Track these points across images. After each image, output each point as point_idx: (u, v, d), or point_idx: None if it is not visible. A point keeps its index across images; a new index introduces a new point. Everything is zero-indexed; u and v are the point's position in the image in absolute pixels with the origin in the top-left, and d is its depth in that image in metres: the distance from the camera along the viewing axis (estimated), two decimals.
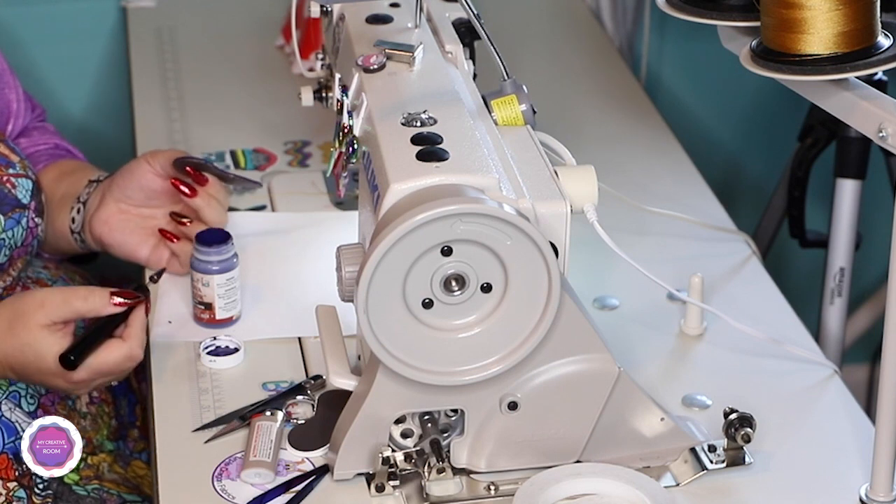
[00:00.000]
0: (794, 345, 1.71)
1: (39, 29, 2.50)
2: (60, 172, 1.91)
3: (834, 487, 1.53)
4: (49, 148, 1.98)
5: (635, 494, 1.46)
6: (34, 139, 1.98)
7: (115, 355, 1.62)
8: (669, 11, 1.54)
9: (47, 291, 1.65)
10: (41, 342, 1.61)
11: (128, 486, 1.76)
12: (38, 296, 1.63)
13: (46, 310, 1.61)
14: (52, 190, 1.89)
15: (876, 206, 2.50)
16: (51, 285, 1.83)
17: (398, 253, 1.39)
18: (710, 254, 1.89)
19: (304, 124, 2.14)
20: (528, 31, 2.47)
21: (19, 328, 1.61)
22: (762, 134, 2.75)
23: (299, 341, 1.72)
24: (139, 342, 1.64)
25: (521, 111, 1.60)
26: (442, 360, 1.44)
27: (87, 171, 1.92)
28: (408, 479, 1.49)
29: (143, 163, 1.81)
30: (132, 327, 1.64)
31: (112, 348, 1.62)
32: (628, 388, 1.50)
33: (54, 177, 1.91)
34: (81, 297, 1.62)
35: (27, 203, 1.77)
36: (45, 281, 1.84)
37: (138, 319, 1.64)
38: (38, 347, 1.61)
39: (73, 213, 1.86)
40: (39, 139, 1.99)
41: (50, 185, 1.89)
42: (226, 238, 1.72)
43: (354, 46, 1.68)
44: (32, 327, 1.61)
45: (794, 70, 1.40)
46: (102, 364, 1.62)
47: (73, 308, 1.62)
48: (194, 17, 2.48)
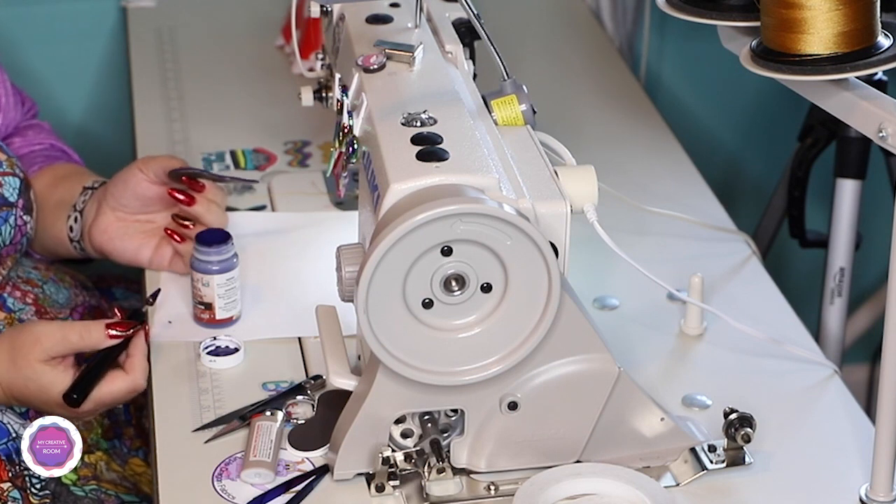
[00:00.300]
0: (794, 345, 1.71)
1: (39, 29, 2.50)
2: (55, 177, 1.91)
3: (834, 487, 1.53)
4: (44, 148, 1.97)
5: (635, 494, 1.46)
6: (29, 139, 1.97)
7: (119, 387, 1.63)
8: (669, 11, 1.54)
9: (42, 327, 1.64)
10: (42, 377, 1.62)
11: (126, 485, 1.76)
12: (35, 331, 1.63)
13: (43, 346, 1.61)
14: (47, 195, 1.88)
15: (876, 206, 2.50)
16: (41, 286, 1.82)
17: (398, 253, 1.39)
18: (710, 254, 1.89)
19: (304, 124, 2.14)
20: (528, 31, 2.47)
21: (21, 362, 1.62)
22: (762, 134, 2.75)
23: (299, 341, 1.72)
24: (142, 373, 1.64)
25: (521, 111, 1.60)
26: (442, 360, 1.44)
27: (81, 176, 1.91)
28: (408, 479, 1.49)
29: (136, 171, 1.81)
30: (134, 357, 1.64)
31: (116, 380, 1.63)
32: (628, 388, 1.50)
33: (49, 181, 1.90)
34: (77, 333, 1.62)
35: (14, 201, 1.77)
36: (36, 281, 1.83)
37: (139, 349, 1.65)
38: (40, 382, 1.62)
39: (71, 222, 1.85)
40: (35, 139, 1.98)
41: (45, 189, 1.89)
42: (226, 238, 1.72)
43: (354, 46, 1.68)
44: (32, 362, 1.62)
45: (794, 70, 1.40)
46: (106, 396, 1.63)
47: (70, 344, 1.62)
48: (194, 17, 2.48)
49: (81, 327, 1.63)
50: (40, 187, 1.89)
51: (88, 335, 1.62)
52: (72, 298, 1.85)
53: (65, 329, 1.63)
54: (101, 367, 1.63)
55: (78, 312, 1.84)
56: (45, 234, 1.88)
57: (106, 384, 1.63)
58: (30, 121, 2.01)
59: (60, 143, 2.00)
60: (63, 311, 1.82)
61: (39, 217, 1.87)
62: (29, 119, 2.02)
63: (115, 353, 1.64)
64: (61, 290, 1.85)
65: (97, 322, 1.64)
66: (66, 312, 1.82)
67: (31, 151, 1.96)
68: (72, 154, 2.00)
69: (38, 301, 1.80)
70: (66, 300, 1.84)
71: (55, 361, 1.62)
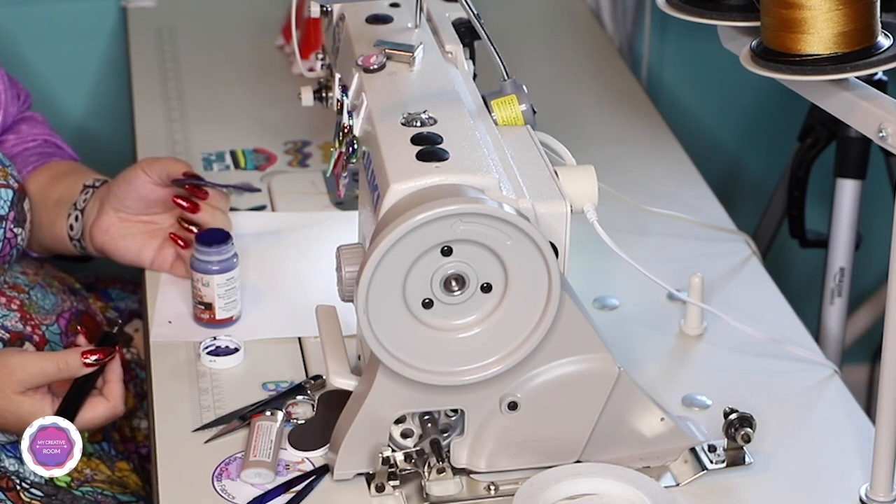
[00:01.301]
0: (794, 345, 1.71)
1: (39, 29, 2.50)
2: (52, 175, 1.90)
3: (834, 487, 1.53)
4: (38, 145, 1.96)
5: (635, 494, 1.46)
6: (22, 134, 1.96)
7: (100, 412, 1.64)
8: (669, 11, 1.54)
9: (17, 358, 1.64)
10: (20, 409, 1.62)
11: (119, 486, 1.76)
12: (9, 363, 1.62)
13: (19, 378, 1.62)
14: (46, 194, 1.88)
15: (876, 206, 2.50)
16: (28, 291, 1.81)
17: (398, 253, 1.39)
18: (710, 254, 1.89)
19: (304, 124, 2.14)
20: (528, 31, 2.47)
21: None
22: (762, 134, 2.75)
23: (299, 341, 1.72)
24: (120, 398, 1.65)
25: (521, 111, 1.60)
26: (442, 360, 1.44)
27: (79, 173, 1.90)
28: (408, 479, 1.49)
29: (140, 173, 1.80)
30: (111, 383, 1.65)
31: (96, 407, 1.64)
32: (628, 388, 1.50)
33: (47, 180, 1.89)
34: (54, 363, 1.62)
35: (5, 214, 1.76)
36: (23, 287, 1.82)
37: (115, 374, 1.65)
38: (19, 414, 1.62)
39: (71, 221, 1.85)
40: (28, 134, 1.96)
41: (43, 188, 1.88)
42: (226, 238, 1.72)
43: (354, 46, 1.68)
44: (9, 395, 1.62)
45: (794, 70, 1.40)
46: (87, 422, 1.64)
47: (46, 375, 1.62)
48: (194, 17, 2.48)
49: (58, 358, 1.63)
50: (38, 185, 1.88)
51: (66, 365, 1.62)
52: (58, 304, 1.84)
53: (40, 361, 1.63)
54: (78, 394, 1.63)
55: (64, 318, 1.83)
56: (45, 232, 1.87)
57: (87, 411, 1.63)
58: (24, 112, 2.01)
59: (54, 136, 1.99)
60: (49, 316, 1.81)
61: (39, 215, 1.86)
62: (24, 111, 2.01)
63: (93, 379, 1.65)
64: (48, 296, 1.84)
65: (72, 351, 1.63)
66: (52, 318, 1.81)
67: (26, 149, 1.95)
68: (66, 148, 1.99)
69: (23, 307, 1.79)
70: (53, 306, 1.83)
71: (31, 391, 1.63)
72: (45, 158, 1.93)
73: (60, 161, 1.94)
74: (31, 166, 1.92)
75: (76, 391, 1.63)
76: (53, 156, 1.95)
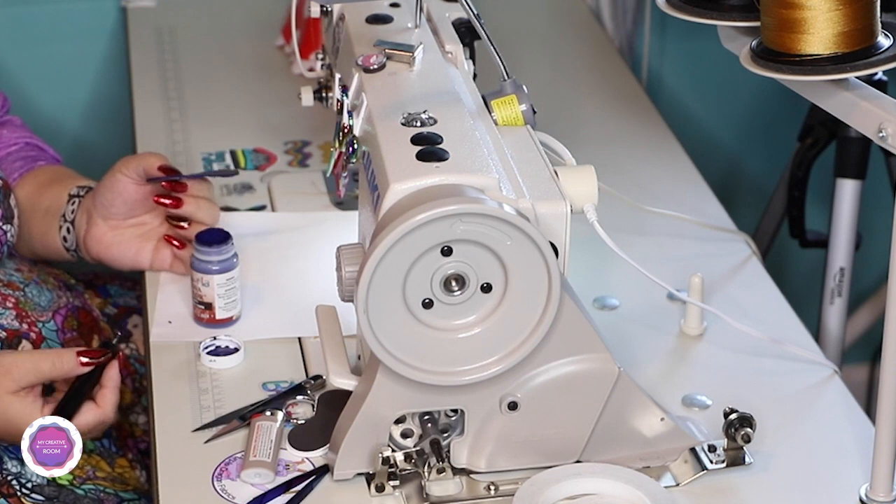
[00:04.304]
0: (794, 345, 1.71)
1: (39, 29, 2.50)
2: (38, 184, 1.90)
3: (834, 487, 1.53)
4: (20, 148, 1.95)
5: (635, 494, 1.46)
6: (3, 139, 1.95)
7: (90, 419, 1.63)
8: (669, 11, 1.54)
9: (11, 358, 1.64)
10: (10, 409, 1.62)
11: (121, 483, 1.76)
12: (5, 362, 1.62)
13: (14, 376, 1.61)
14: (35, 203, 1.87)
15: (876, 206, 2.50)
16: (23, 289, 1.81)
17: (398, 253, 1.39)
18: (710, 254, 1.89)
19: (304, 124, 2.14)
20: (528, 31, 2.47)
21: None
22: (762, 134, 2.75)
23: (299, 341, 1.72)
24: (113, 407, 1.65)
25: (521, 111, 1.60)
26: (442, 360, 1.44)
27: (64, 180, 1.89)
28: (408, 479, 1.49)
29: (119, 176, 1.79)
30: (106, 389, 1.65)
31: (87, 413, 1.63)
32: (628, 388, 1.50)
33: (33, 189, 1.89)
34: (50, 361, 1.62)
35: None
36: (18, 284, 1.82)
37: (112, 381, 1.65)
38: (9, 415, 1.62)
39: (63, 233, 1.85)
40: (9, 138, 1.96)
41: (31, 197, 1.88)
42: (226, 238, 1.72)
43: (354, 46, 1.68)
44: (1, 394, 1.62)
45: (794, 70, 1.40)
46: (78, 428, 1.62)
47: (41, 373, 1.62)
48: (194, 17, 2.48)
49: (54, 356, 1.63)
50: (25, 195, 1.88)
51: (61, 364, 1.62)
52: (55, 300, 1.84)
53: (35, 359, 1.63)
54: (73, 398, 1.63)
55: (61, 314, 1.83)
56: (39, 243, 1.87)
57: (79, 417, 1.63)
58: (3, 117, 2.00)
59: (35, 138, 1.99)
60: (45, 313, 1.81)
61: (30, 225, 1.86)
62: (3, 115, 2.01)
63: (89, 382, 1.64)
64: (44, 293, 1.84)
65: (68, 350, 1.64)
66: (48, 315, 1.81)
67: (8, 154, 1.94)
68: (48, 149, 1.98)
69: (18, 305, 1.79)
70: (49, 302, 1.83)
71: (24, 392, 1.62)
72: (29, 163, 1.93)
73: (45, 167, 1.94)
74: (16, 172, 1.91)
75: (75, 392, 1.63)
76: (38, 159, 1.95)
